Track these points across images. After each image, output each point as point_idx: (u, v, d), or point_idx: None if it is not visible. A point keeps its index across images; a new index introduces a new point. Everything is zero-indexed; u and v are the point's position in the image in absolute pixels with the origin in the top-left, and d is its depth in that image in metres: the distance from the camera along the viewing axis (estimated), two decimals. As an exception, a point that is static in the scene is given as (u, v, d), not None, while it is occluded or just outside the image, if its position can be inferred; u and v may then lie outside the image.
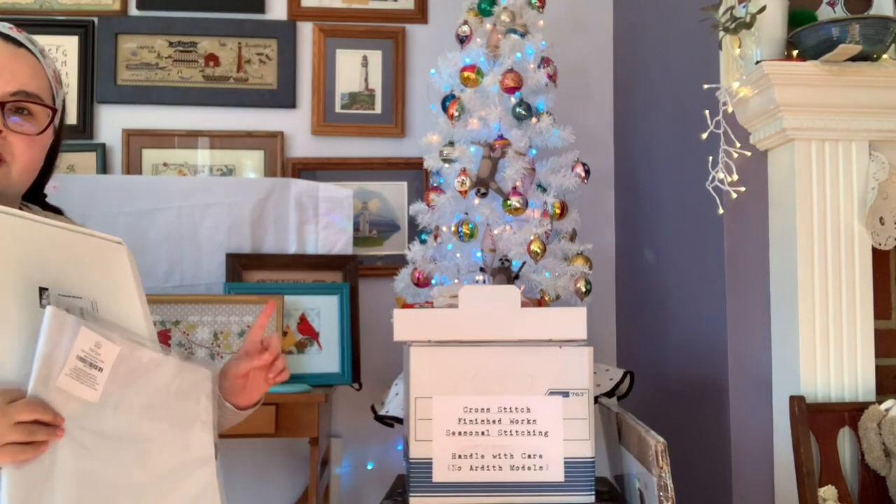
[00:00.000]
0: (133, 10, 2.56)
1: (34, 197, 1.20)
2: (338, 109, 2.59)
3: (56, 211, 1.23)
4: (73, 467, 0.92)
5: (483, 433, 1.52)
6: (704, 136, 1.75)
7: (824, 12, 1.80)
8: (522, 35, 2.07)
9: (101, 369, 0.94)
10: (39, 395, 0.89)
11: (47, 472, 0.90)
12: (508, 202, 1.95)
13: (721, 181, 1.74)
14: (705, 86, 1.79)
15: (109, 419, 0.96)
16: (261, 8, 2.59)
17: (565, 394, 1.52)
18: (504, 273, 1.97)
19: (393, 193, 2.57)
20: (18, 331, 0.91)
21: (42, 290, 0.94)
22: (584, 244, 2.04)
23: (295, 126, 2.58)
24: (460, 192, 1.97)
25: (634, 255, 2.47)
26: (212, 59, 2.57)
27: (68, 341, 0.92)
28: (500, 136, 2.00)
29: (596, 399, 1.81)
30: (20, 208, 1.15)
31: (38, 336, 0.91)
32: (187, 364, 1.06)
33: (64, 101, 1.21)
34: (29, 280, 0.93)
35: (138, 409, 0.99)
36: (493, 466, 1.52)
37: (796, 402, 1.61)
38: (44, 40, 2.58)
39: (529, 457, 1.52)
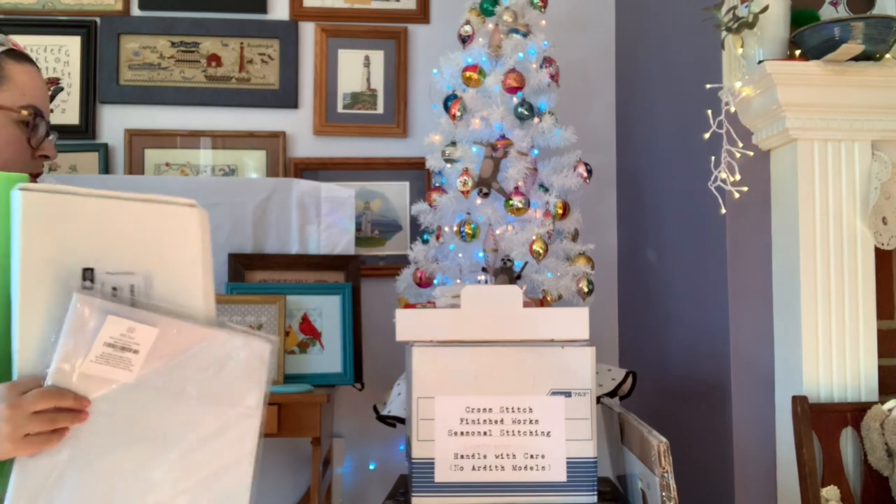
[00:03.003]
0: (135, 11, 2.57)
1: None
2: (340, 109, 2.59)
3: None
4: (99, 446, 0.91)
5: (485, 433, 1.52)
6: (707, 135, 1.75)
7: (827, 12, 1.80)
8: (524, 35, 2.07)
9: (136, 352, 0.92)
10: (59, 383, 0.89)
11: (63, 464, 0.90)
12: (510, 202, 1.95)
13: (723, 181, 1.74)
14: (707, 86, 1.79)
15: (151, 397, 0.93)
16: (263, 8, 2.59)
17: (567, 394, 1.52)
18: (506, 273, 1.97)
19: (395, 193, 2.57)
20: (47, 319, 0.90)
21: (86, 270, 0.92)
22: (587, 244, 2.04)
23: (297, 126, 2.58)
24: (462, 192, 1.97)
25: (637, 255, 2.47)
26: (214, 59, 2.57)
27: (94, 329, 0.90)
28: (503, 136, 2.00)
29: (598, 399, 1.81)
30: None
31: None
32: (235, 336, 0.98)
33: None
34: (68, 262, 0.91)
35: (176, 386, 0.95)
36: (496, 466, 1.52)
37: (799, 402, 1.61)
38: (46, 40, 2.62)
39: (532, 457, 1.52)
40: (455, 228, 1.98)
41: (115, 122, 2.54)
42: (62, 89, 2.53)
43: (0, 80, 1.14)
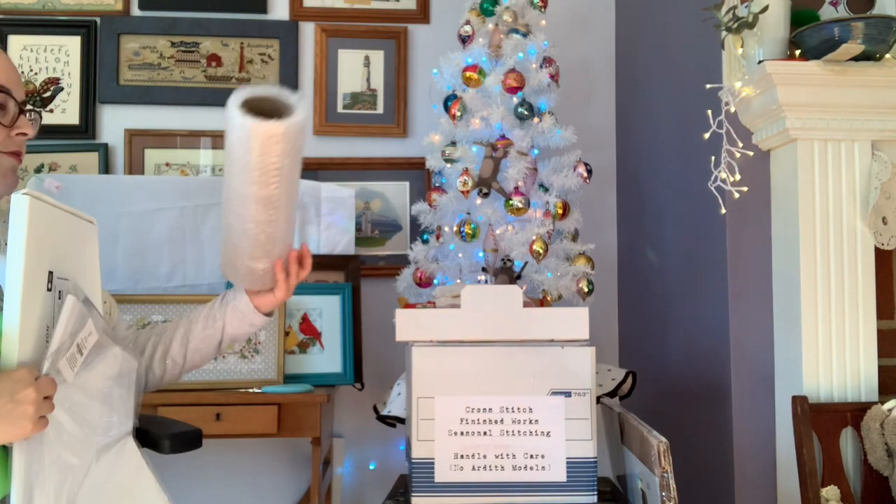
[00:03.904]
0: (135, 11, 2.57)
1: None
2: (340, 109, 2.59)
3: None
4: (55, 440, 0.99)
5: (485, 433, 1.52)
6: (707, 135, 1.75)
7: (827, 12, 1.80)
8: (524, 35, 2.07)
9: (83, 354, 1.02)
10: (50, 373, 0.96)
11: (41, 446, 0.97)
12: (510, 202, 1.95)
13: (723, 181, 1.74)
14: (708, 85, 1.79)
15: (76, 397, 1.02)
16: (263, 8, 2.59)
17: (567, 394, 1.52)
18: (506, 273, 1.97)
19: (395, 193, 2.57)
20: (36, 315, 0.96)
21: (49, 273, 1.00)
22: (587, 244, 2.04)
23: (297, 126, 2.58)
24: (462, 192, 1.97)
25: (636, 255, 2.47)
26: (214, 59, 2.57)
27: (76, 330, 0.99)
28: (503, 136, 2.00)
29: (598, 399, 1.81)
30: None
31: (51, 319, 0.97)
32: (123, 352, 1.14)
33: None
34: (47, 265, 0.99)
35: (94, 391, 1.06)
36: (496, 466, 1.52)
37: (799, 402, 1.61)
38: (46, 40, 2.62)
39: (532, 457, 1.52)
40: (455, 228, 1.98)
41: (115, 122, 2.54)
42: (62, 89, 2.53)
43: None
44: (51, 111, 2.52)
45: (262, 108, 1.16)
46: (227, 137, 1.18)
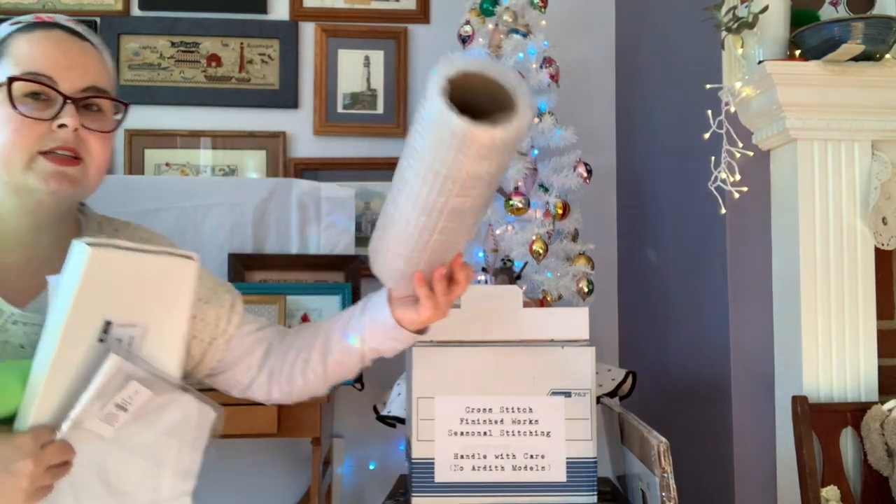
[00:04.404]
0: (135, 11, 2.57)
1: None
2: (340, 109, 2.59)
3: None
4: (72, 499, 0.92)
5: (485, 433, 1.52)
6: (707, 135, 1.75)
7: (827, 12, 1.80)
8: (524, 35, 2.07)
9: (127, 411, 0.93)
10: (67, 436, 0.89)
11: None
12: (510, 202, 1.95)
13: (723, 181, 1.74)
14: (707, 86, 1.78)
15: (115, 454, 0.95)
16: (263, 8, 2.59)
17: (567, 394, 1.52)
18: (506, 273, 1.97)
19: (395, 193, 2.57)
20: (74, 371, 0.89)
21: (106, 323, 0.92)
22: (587, 244, 2.04)
23: (297, 126, 2.58)
24: (462, 192, 1.97)
25: (637, 256, 2.47)
26: (214, 59, 2.57)
27: (115, 391, 0.91)
28: (502, 136, 2.00)
29: (598, 399, 1.81)
30: (78, 214, 1.13)
31: (88, 374, 0.89)
32: (193, 402, 1.02)
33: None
34: (100, 315, 0.91)
35: (140, 447, 0.97)
36: (496, 467, 1.51)
37: (799, 402, 1.61)
38: (46, 40, 2.58)
39: (532, 457, 1.51)
40: (455, 228, 1.97)
41: (115, 122, 2.54)
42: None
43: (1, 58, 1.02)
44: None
45: (471, 90, 0.92)
46: (422, 122, 0.94)
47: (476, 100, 0.92)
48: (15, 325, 0.99)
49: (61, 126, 0.99)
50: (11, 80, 0.98)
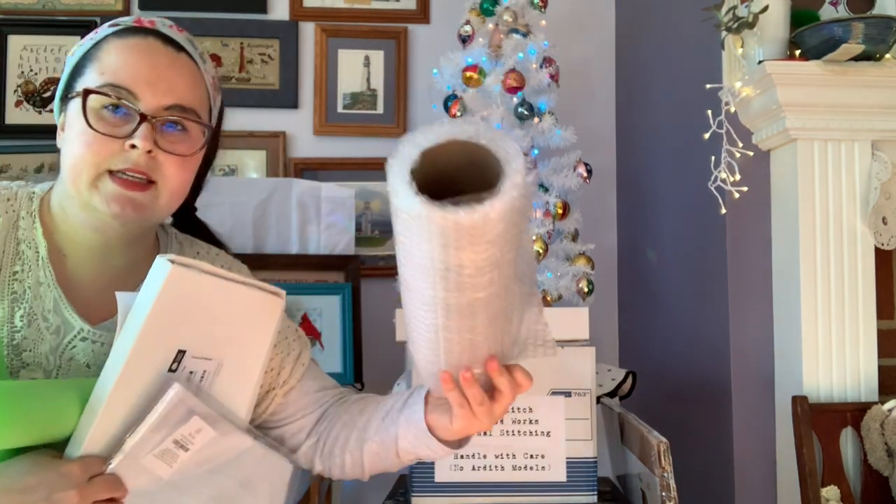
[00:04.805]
0: (135, 11, 2.57)
1: (178, 216, 1.12)
2: (340, 109, 2.59)
3: (197, 229, 1.14)
4: None
5: (485, 433, 1.52)
6: (707, 135, 1.75)
7: (827, 12, 1.80)
8: (524, 35, 2.07)
9: (187, 450, 0.85)
10: (119, 470, 0.82)
11: None
12: (510, 202, 1.94)
13: (723, 181, 1.74)
14: (707, 86, 1.78)
15: (171, 498, 0.87)
16: (263, 8, 2.59)
17: (567, 394, 1.52)
18: (506, 273, 1.97)
19: (395, 193, 2.57)
20: (135, 399, 0.82)
21: (180, 352, 0.85)
22: (587, 244, 2.04)
23: (297, 126, 2.58)
24: (462, 192, 1.97)
25: (637, 255, 2.47)
26: (214, 59, 2.57)
27: (175, 425, 0.83)
28: (503, 136, 2.00)
29: (598, 399, 1.81)
30: (158, 230, 1.07)
31: (150, 404, 0.82)
32: (268, 453, 0.94)
33: (221, 107, 1.08)
34: (174, 342, 0.84)
35: (205, 496, 0.89)
36: (496, 466, 1.51)
37: (799, 402, 1.61)
38: (46, 40, 2.61)
39: (532, 457, 1.51)
40: (455, 228, 1.97)
41: (115, 122, 2.54)
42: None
43: (88, 64, 0.97)
44: (51, 111, 2.52)
45: (449, 161, 0.78)
46: (394, 216, 0.78)
47: (473, 169, 0.78)
48: (84, 342, 0.94)
49: (132, 147, 0.92)
50: (87, 92, 0.92)
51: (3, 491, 0.75)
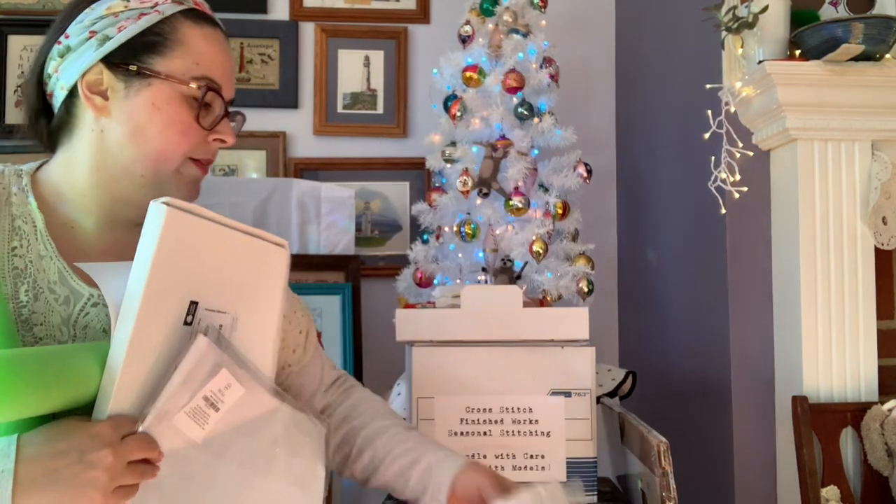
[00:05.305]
0: (135, 11, 2.56)
1: None
2: (340, 109, 2.59)
3: None
4: None
5: (485, 433, 1.52)
6: (707, 135, 1.75)
7: (827, 12, 1.80)
8: (524, 35, 2.07)
9: (217, 409, 0.83)
10: (152, 430, 0.78)
11: None
12: (510, 202, 1.95)
13: (723, 181, 1.74)
14: (708, 86, 1.78)
15: (207, 463, 0.83)
16: (263, 8, 2.59)
17: (567, 394, 1.52)
18: (506, 273, 1.97)
19: (395, 193, 2.57)
20: (156, 354, 0.80)
21: (192, 304, 0.82)
22: (587, 244, 2.04)
23: (297, 126, 2.58)
24: (462, 192, 1.97)
25: (636, 255, 2.47)
26: (214, 59, 2.57)
27: (203, 379, 0.81)
28: (502, 136, 2.00)
29: (598, 399, 1.81)
30: None
31: (172, 358, 0.80)
32: (300, 416, 0.92)
33: None
34: (183, 293, 0.82)
35: (241, 458, 0.86)
36: (496, 466, 1.51)
37: (799, 402, 1.61)
38: (46, 41, 2.58)
39: (532, 457, 1.51)
40: (455, 228, 1.98)
41: (115, 122, 2.54)
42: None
43: (172, 45, 0.94)
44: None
45: None
46: None
47: None
48: (95, 307, 0.91)
49: (218, 140, 0.99)
50: (210, 88, 0.96)
51: (33, 458, 0.72)
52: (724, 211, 1.75)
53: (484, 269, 2.00)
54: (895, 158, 1.71)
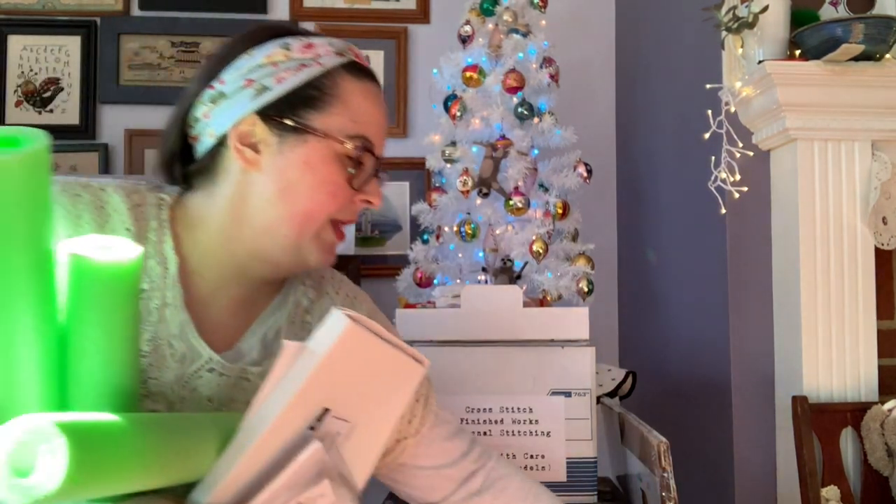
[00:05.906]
0: (135, 11, 2.57)
1: None
2: (340, 109, 2.59)
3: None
4: None
5: (485, 433, 1.52)
6: (707, 135, 1.75)
7: (827, 12, 1.80)
8: (524, 35, 2.07)
9: None
10: None
11: None
12: (510, 202, 1.95)
13: (723, 181, 1.74)
14: (707, 86, 1.78)
15: None
16: (263, 8, 2.59)
17: (567, 394, 1.52)
18: (506, 273, 1.97)
19: (395, 193, 2.57)
20: (276, 450, 0.76)
21: (325, 410, 0.79)
22: (587, 244, 2.04)
23: (297, 126, 2.57)
24: (462, 192, 1.97)
25: (636, 255, 2.47)
26: (214, 59, 2.57)
27: (304, 486, 0.77)
28: (503, 136, 2.00)
29: (598, 399, 1.81)
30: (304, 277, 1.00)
31: (283, 459, 0.76)
32: None
33: None
34: (324, 400, 0.79)
35: None
36: (496, 466, 1.51)
37: (799, 402, 1.61)
38: (46, 40, 2.61)
39: (532, 457, 1.51)
40: (455, 228, 1.98)
41: (115, 122, 2.54)
42: (62, 89, 2.53)
43: (331, 101, 0.89)
44: (51, 111, 2.52)
45: None
46: None
47: None
48: (210, 373, 0.87)
49: (365, 202, 0.92)
50: (365, 147, 0.90)
51: None
52: (724, 211, 1.75)
53: (484, 269, 2.00)
54: (895, 158, 1.71)
